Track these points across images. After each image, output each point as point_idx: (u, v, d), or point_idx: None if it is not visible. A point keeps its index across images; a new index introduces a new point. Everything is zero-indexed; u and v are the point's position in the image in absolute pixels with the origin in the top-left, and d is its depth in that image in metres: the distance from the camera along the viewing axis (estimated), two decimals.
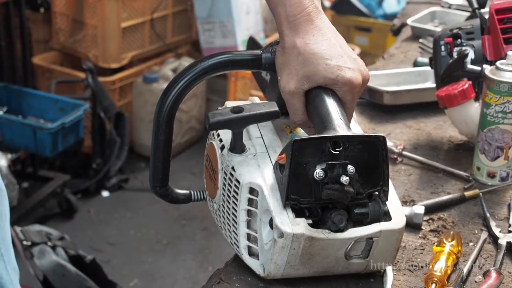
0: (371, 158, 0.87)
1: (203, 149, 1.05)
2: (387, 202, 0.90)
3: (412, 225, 1.10)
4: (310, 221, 0.87)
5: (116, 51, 3.35)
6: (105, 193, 3.26)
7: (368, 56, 3.88)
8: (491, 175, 1.23)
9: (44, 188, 2.95)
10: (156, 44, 3.59)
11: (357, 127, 1.02)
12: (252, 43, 1.29)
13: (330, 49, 0.91)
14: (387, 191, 0.90)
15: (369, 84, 1.50)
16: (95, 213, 3.12)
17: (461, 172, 1.27)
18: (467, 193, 1.19)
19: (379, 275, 0.96)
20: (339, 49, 0.91)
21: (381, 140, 0.87)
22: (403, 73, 1.67)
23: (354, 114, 0.98)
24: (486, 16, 1.34)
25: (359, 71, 0.92)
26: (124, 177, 3.36)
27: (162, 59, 3.64)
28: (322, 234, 0.87)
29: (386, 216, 0.90)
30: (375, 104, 1.55)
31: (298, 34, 0.91)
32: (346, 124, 0.89)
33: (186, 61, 3.59)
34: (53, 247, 2.24)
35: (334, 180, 0.85)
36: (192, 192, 1.04)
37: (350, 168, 0.85)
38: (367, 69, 0.94)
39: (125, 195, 3.28)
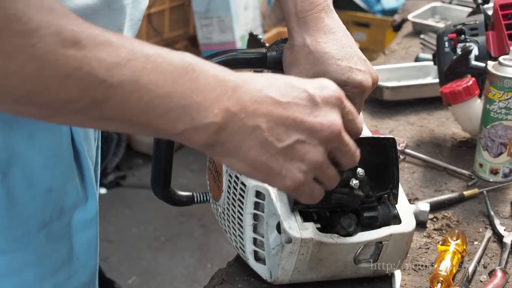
0: (381, 160, 0.86)
1: None
2: (396, 205, 0.89)
3: (417, 223, 1.08)
4: (318, 225, 0.86)
5: None
6: (103, 190, 3.24)
7: (367, 52, 3.83)
8: (494, 172, 1.22)
9: None
10: (153, 39, 3.56)
11: (365, 128, 1.00)
12: (252, 39, 1.27)
13: (341, 49, 0.89)
14: (397, 194, 0.88)
15: None
16: None
17: (463, 171, 1.25)
18: (466, 193, 1.18)
19: (385, 276, 0.94)
20: (349, 50, 0.89)
21: (391, 142, 0.86)
22: (404, 68, 1.66)
23: (362, 115, 0.96)
24: (490, 12, 1.33)
25: (369, 74, 0.90)
26: (122, 174, 3.34)
27: None
28: (331, 238, 0.85)
29: (396, 220, 0.89)
30: (377, 100, 1.54)
31: (308, 32, 0.88)
32: None
33: None
34: None
35: (343, 184, 0.83)
36: (195, 194, 1.02)
37: (360, 171, 0.83)
38: (376, 72, 0.93)
39: (122, 192, 3.26)
